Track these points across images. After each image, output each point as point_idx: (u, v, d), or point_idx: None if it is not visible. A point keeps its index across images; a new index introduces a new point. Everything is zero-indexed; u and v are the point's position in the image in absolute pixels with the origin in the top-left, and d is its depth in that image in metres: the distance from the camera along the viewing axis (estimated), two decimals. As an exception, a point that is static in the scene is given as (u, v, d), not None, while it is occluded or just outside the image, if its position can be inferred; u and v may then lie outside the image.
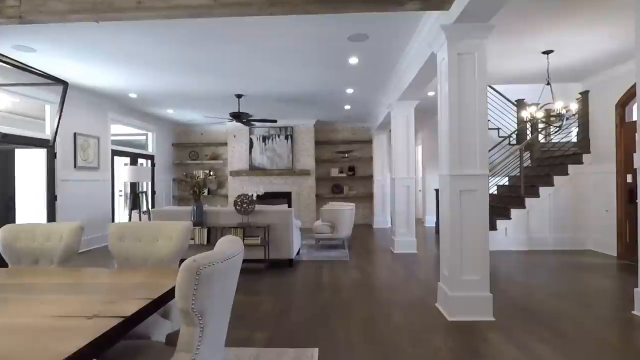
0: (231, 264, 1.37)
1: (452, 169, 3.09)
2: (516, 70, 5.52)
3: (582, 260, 5.23)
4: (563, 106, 4.54)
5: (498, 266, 4.89)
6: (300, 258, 5.47)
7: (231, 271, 1.42)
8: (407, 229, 5.94)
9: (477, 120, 3.10)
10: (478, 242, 3.10)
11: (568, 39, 4.35)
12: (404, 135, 5.94)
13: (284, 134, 9.25)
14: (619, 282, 4.13)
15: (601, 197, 5.69)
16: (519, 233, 6.01)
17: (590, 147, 5.95)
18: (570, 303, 3.42)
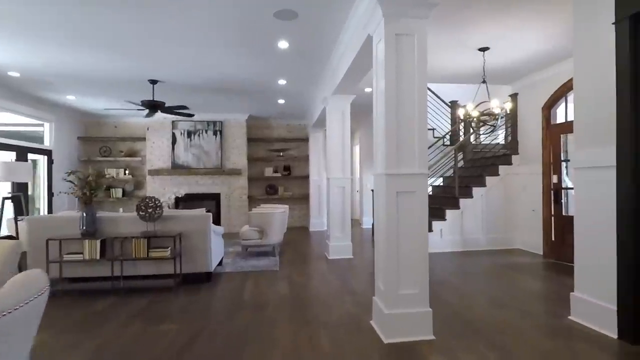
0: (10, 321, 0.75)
1: (389, 167, 2.68)
2: (452, 68, 5.38)
3: (513, 260, 5.22)
4: (498, 105, 4.43)
5: (435, 270, 4.66)
6: (222, 269, 4.79)
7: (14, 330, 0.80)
8: (342, 233, 5.54)
9: (417, 113, 2.72)
10: (417, 251, 2.72)
11: (503, 37, 4.22)
12: (339, 132, 5.53)
13: (212, 129, 8.41)
14: (549, 283, 4.08)
15: (529, 198, 5.78)
16: (454, 234, 5.91)
17: (519, 148, 6.04)
18: (508, 311, 3.20)
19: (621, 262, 2.63)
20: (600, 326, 2.76)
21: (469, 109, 4.60)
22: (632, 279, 2.56)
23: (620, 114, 2.62)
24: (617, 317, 2.64)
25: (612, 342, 2.59)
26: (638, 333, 2.54)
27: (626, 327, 2.58)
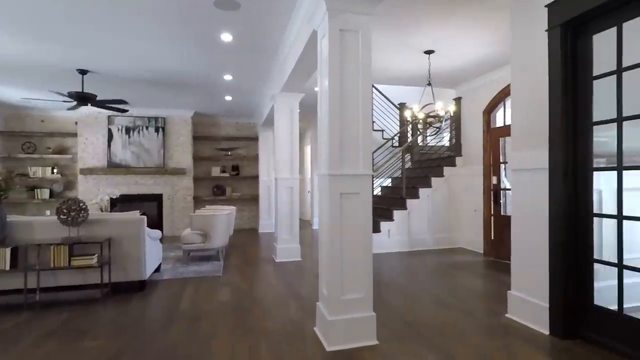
0: None
1: (332, 167, 2.57)
2: (400, 70, 5.44)
3: (456, 259, 5.38)
4: (442, 107, 4.52)
5: (382, 271, 4.66)
6: (159, 277, 4.44)
7: None
8: (290, 235, 5.39)
9: (362, 112, 2.64)
10: (361, 254, 2.64)
11: (447, 41, 4.32)
12: (287, 131, 5.38)
13: (153, 125, 7.88)
14: (489, 282, 4.22)
15: (471, 198, 6.01)
16: (401, 234, 5.99)
17: (462, 150, 6.26)
18: (451, 311, 3.24)
19: (552, 261, 2.73)
20: (534, 323, 2.86)
21: (415, 111, 4.66)
22: (561, 277, 2.66)
23: (553, 119, 2.72)
24: (549, 314, 2.74)
25: (544, 338, 2.68)
26: (567, 329, 2.65)
27: (556, 323, 2.69)
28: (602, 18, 2.48)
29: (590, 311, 2.60)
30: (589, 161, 2.59)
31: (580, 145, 2.64)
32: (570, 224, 2.66)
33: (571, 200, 2.66)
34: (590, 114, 2.59)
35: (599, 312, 2.56)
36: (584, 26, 2.59)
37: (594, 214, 2.60)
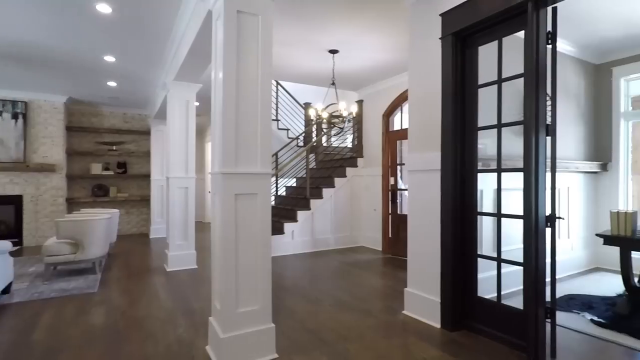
0: None
1: (226, 165, 2.29)
2: (305, 68, 5.34)
3: (357, 258, 5.50)
4: (345, 108, 4.54)
5: (285, 274, 4.49)
6: (8, 300, 3.57)
7: None
8: (185, 241, 4.88)
9: (261, 105, 2.41)
10: (259, 261, 2.41)
11: (351, 42, 4.34)
12: (182, 125, 4.85)
13: (10, 110, 6.45)
14: (387, 279, 4.36)
15: (371, 198, 6.23)
16: (305, 235, 5.91)
17: (363, 151, 6.46)
18: (351, 313, 3.21)
19: (443, 257, 2.87)
20: (428, 318, 2.98)
21: (319, 110, 4.60)
22: (450, 272, 2.81)
23: (444, 123, 2.86)
24: (440, 308, 2.87)
25: (435, 332, 2.79)
26: (455, 321, 2.81)
27: (446, 316, 2.83)
28: (486, 31, 2.67)
29: (474, 302, 2.79)
30: (474, 163, 2.78)
31: (467, 148, 2.81)
32: (459, 221, 2.83)
33: (459, 200, 2.82)
34: (475, 120, 2.77)
35: (481, 303, 2.75)
36: (471, 37, 2.77)
37: (478, 212, 2.79)
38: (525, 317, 2.36)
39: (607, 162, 4.68)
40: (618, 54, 4.55)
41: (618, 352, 2.47)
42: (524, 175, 2.36)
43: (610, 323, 2.83)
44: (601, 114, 4.77)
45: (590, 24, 3.84)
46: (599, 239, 3.09)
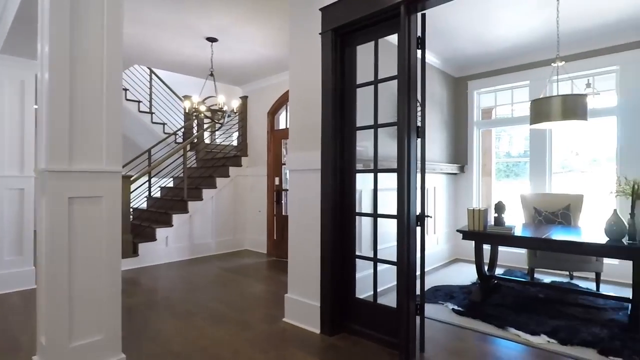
0: None
1: (54, 160, 1.78)
2: (181, 56, 4.80)
3: (240, 262, 5.18)
4: (225, 102, 4.19)
5: (154, 287, 3.92)
6: None
7: None
8: (19, 255, 3.88)
9: (107, 86, 1.95)
10: (105, 280, 1.94)
11: (232, 32, 4.02)
12: (15, 111, 3.86)
13: None
14: (270, 284, 4.17)
15: (256, 199, 5.97)
16: (181, 241, 5.33)
17: (248, 150, 6.16)
18: (228, 326, 2.90)
19: (323, 259, 2.79)
20: (308, 324, 2.86)
21: (195, 101, 4.15)
22: (330, 274, 2.74)
23: (324, 122, 2.78)
24: (320, 312, 2.78)
25: (315, 338, 2.69)
26: (334, 325, 2.75)
27: (325, 321, 2.75)
28: (364, 31, 2.67)
29: (353, 304, 2.77)
30: (353, 163, 2.76)
31: (347, 148, 2.78)
32: (338, 222, 2.78)
33: (339, 200, 2.78)
34: (354, 120, 2.76)
35: (359, 304, 2.75)
36: (350, 36, 2.74)
37: (356, 212, 2.78)
38: (398, 315, 2.40)
39: (464, 164, 5.33)
40: (473, 70, 5.21)
41: (474, 338, 2.72)
42: (398, 176, 2.40)
43: (467, 311, 3.12)
44: (460, 122, 5.41)
45: (452, 40, 4.27)
46: (459, 233, 3.42)
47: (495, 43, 4.31)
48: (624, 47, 4.09)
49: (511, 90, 5.09)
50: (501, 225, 3.17)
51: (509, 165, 8.00)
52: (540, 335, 2.64)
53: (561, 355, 2.42)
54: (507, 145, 11.24)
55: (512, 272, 4.44)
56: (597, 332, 2.65)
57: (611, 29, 3.92)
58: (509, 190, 7.81)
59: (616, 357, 2.34)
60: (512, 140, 13.21)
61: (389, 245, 3.45)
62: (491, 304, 3.28)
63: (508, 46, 4.39)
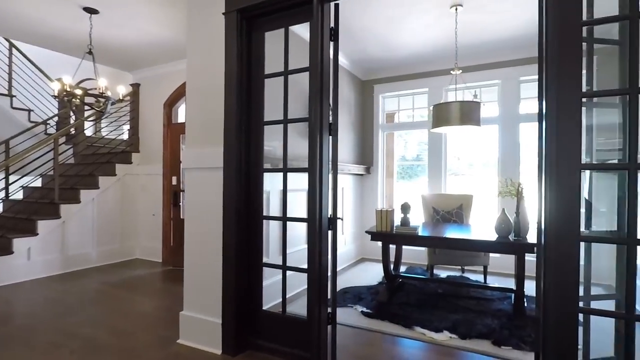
0: None
1: None
2: (47, 27, 3.93)
3: (129, 274, 4.48)
4: (107, 86, 3.53)
5: (10, 315, 3.10)
6: None
7: None
8: None
9: None
10: None
11: (118, 2, 3.40)
12: None
13: None
14: (163, 299, 3.65)
15: (150, 201, 5.27)
16: (50, 252, 4.40)
17: (140, 145, 5.41)
18: (107, 357, 2.38)
19: (225, 269, 2.47)
20: (208, 344, 2.51)
21: (67, 83, 3.40)
22: (234, 285, 2.44)
23: (228, 115, 2.46)
24: (222, 330, 2.45)
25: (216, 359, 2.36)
26: (238, 343, 2.45)
27: (228, 339, 2.43)
28: (274, 16, 2.43)
29: (260, 317, 2.51)
30: (260, 161, 2.50)
31: (254, 144, 2.51)
32: (243, 226, 2.48)
33: (244, 202, 2.49)
34: (262, 113, 2.49)
35: (266, 317, 2.49)
36: (257, 20, 2.48)
37: (264, 216, 2.52)
38: (309, 327, 2.22)
39: (370, 165, 5.45)
40: (379, 74, 5.36)
41: (383, 340, 2.68)
42: (309, 176, 2.22)
43: (375, 312, 3.10)
44: (366, 124, 5.52)
45: (360, 42, 4.29)
46: (366, 233, 3.41)
47: (400, 49, 4.47)
48: (505, 64, 4.59)
49: (412, 96, 5.37)
50: (407, 226, 3.24)
51: (404, 168, 8.52)
52: (443, 331, 2.72)
53: (462, 350, 2.51)
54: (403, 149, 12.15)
55: (413, 269, 4.65)
56: (489, 323, 2.83)
57: (495, 47, 4.35)
58: (408, 190, 8.36)
59: (507, 346, 2.51)
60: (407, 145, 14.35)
61: (299, 248, 3.28)
62: (397, 303, 3.33)
63: (411, 53, 4.59)
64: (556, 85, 1.55)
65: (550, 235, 1.55)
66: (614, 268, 1.78)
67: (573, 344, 1.51)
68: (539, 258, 1.68)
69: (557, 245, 1.54)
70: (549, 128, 1.55)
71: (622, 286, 1.76)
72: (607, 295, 1.77)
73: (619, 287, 1.78)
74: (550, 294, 1.54)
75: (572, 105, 1.52)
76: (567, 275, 1.53)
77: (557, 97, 1.54)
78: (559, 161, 1.52)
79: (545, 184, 1.56)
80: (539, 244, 1.65)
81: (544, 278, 1.58)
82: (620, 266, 1.74)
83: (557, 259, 1.53)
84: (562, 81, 1.54)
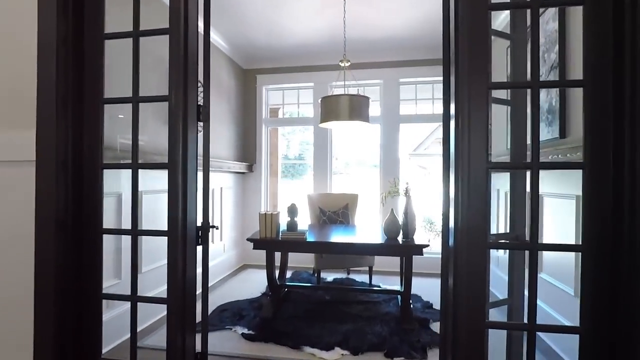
0: None
1: None
2: None
3: None
4: None
5: None
6: None
7: None
8: None
9: None
10: None
11: None
12: None
13: None
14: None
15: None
16: None
17: None
18: None
19: (41, 306, 1.70)
20: (9, 422, 1.70)
21: None
22: (51, 332, 1.70)
23: (43, 86, 1.70)
24: (34, 398, 1.69)
25: None
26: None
27: (46, 409, 1.68)
28: (117, -46, 1.77)
29: (98, 369, 1.81)
30: (97, 153, 1.80)
31: (87, 130, 1.80)
32: (70, 245, 1.76)
33: (72, 210, 1.76)
34: (100, 87, 1.80)
35: (108, 367, 1.82)
36: (94, -43, 1.78)
37: (103, 229, 1.83)
38: (168, 377, 1.65)
39: (253, 163, 4.98)
40: (262, 63, 4.91)
41: (267, 370, 2.26)
42: (169, 174, 1.65)
43: (258, 333, 2.66)
44: (248, 118, 5.02)
45: (242, 24, 3.79)
46: (248, 241, 2.94)
47: (285, 37, 4.12)
48: (387, 64, 4.66)
49: (297, 91, 5.09)
50: (294, 230, 2.88)
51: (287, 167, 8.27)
52: (335, 348, 2.44)
53: (355, 368, 2.27)
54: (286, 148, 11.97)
55: (299, 273, 4.36)
56: (379, 331, 2.67)
57: (380, 46, 4.36)
58: (293, 189, 8.14)
59: (399, 356, 2.35)
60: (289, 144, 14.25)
61: (160, 264, 2.62)
62: (283, 317, 2.95)
63: (297, 43, 4.28)
64: (467, 79, 1.36)
65: (461, 241, 1.35)
66: (500, 272, 1.71)
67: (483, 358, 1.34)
68: (445, 265, 1.49)
69: (468, 252, 1.34)
70: (460, 126, 1.35)
71: (514, 292, 1.70)
72: (502, 300, 1.70)
73: (510, 292, 1.72)
74: (461, 308, 1.34)
75: (481, 99, 1.35)
76: (477, 285, 1.35)
77: (469, 93, 1.35)
78: (471, 161, 1.32)
79: (457, 185, 1.35)
80: (447, 249, 1.45)
81: (454, 289, 1.38)
82: (514, 272, 1.68)
83: (468, 267, 1.34)
84: (472, 76, 1.35)
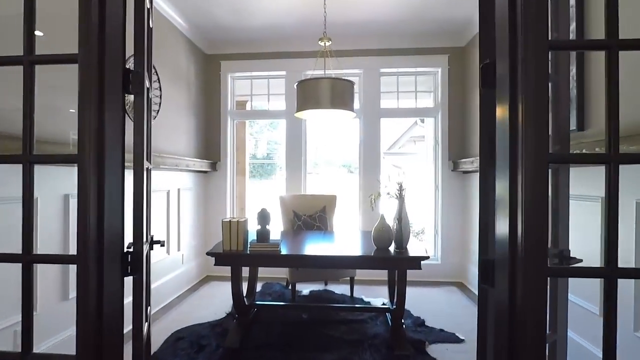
0: None
1: None
2: None
3: None
4: None
5: None
6: None
7: None
8: None
9: None
10: None
11: None
12: None
13: None
14: None
15: None
16: None
17: None
18: None
19: None
20: None
21: None
22: None
23: None
24: None
25: None
26: None
27: None
28: None
29: None
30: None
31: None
32: None
33: None
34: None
35: None
36: None
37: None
38: None
39: (217, 161, 4.39)
40: (227, 48, 4.34)
41: None
42: (78, 172, 1.10)
43: (222, 372, 2.13)
44: (212, 109, 4.43)
45: (205, 1, 3.23)
46: (208, 255, 2.40)
47: (255, 16, 3.58)
48: (367, 53, 4.23)
49: (268, 80, 4.56)
50: (266, 241, 2.36)
51: (255, 166, 7.69)
52: (318, 390, 1.96)
53: (344, 416, 1.79)
54: (253, 148, 11.29)
55: (271, 285, 3.82)
56: (369, 361, 2.22)
57: (359, 31, 3.93)
58: (262, 190, 7.57)
59: (397, 396, 1.91)
60: (257, 144, 13.50)
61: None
62: (253, 346, 2.43)
63: (268, 23, 3.76)
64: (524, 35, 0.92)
65: (519, 268, 0.91)
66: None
67: None
68: (483, 304, 1.05)
69: (524, 283, 0.91)
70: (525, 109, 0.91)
71: (558, 327, 1.29)
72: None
73: (552, 325, 1.31)
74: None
75: (542, 56, 0.91)
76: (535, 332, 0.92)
77: (525, 50, 0.91)
78: (527, 151, 0.89)
79: (520, 183, 0.91)
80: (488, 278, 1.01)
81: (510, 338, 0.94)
82: (552, 300, 1.27)
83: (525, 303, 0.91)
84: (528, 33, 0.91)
